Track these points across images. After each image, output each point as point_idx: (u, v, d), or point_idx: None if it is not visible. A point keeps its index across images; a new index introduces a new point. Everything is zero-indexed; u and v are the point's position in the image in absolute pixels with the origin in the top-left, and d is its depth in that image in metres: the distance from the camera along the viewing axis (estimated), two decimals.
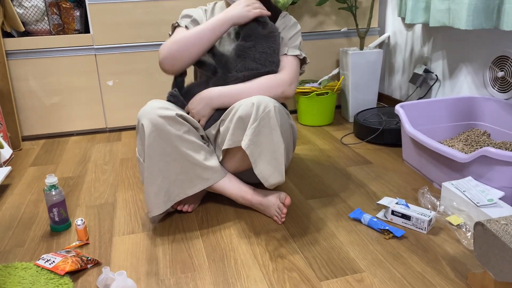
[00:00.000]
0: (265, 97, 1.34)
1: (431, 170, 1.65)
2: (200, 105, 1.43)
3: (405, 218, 1.36)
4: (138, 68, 2.37)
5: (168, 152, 1.34)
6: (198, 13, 1.57)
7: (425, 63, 2.33)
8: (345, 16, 2.57)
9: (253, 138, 1.29)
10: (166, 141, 1.33)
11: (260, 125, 1.29)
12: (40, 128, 2.35)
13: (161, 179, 1.36)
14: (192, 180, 1.39)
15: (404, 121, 1.75)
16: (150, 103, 1.37)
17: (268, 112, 1.29)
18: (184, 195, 1.39)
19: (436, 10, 1.89)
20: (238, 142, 1.34)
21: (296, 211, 1.49)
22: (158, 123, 1.32)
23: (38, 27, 2.25)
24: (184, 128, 1.35)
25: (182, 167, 1.37)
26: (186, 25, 1.51)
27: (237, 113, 1.34)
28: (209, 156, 1.41)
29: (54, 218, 1.41)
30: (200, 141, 1.41)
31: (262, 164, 1.30)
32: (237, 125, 1.33)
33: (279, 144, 1.30)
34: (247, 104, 1.32)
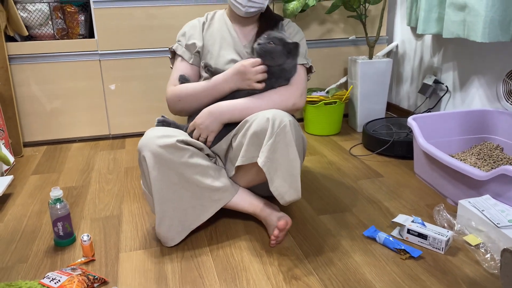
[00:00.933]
0: (279, 111, 1.30)
1: (445, 186, 1.61)
2: (208, 120, 1.38)
3: (421, 237, 1.32)
4: (143, 74, 2.33)
5: (175, 182, 1.30)
6: (194, 29, 1.55)
7: (435, 74, 2.30)
8: (353, 24, 2.54)
9: (269, 155, 1.24)
10: (171, 170, 1.28)
11: (276, 141, 1.24)
12: (42, 134, 2.30)
13: (172, 210, 1.31)
14: (204, 204, 1.35)
15: (417, 135, 1.71)
16: (148, 133, 1.31)
17: (284, 127, 1.25)
18: (198, 222, 1.36)
19: (451, 22, 1.85)
20: (253, 158, 1.29)
21: (309, 228, 1.44)
22: (160, 153, 1.26)
23: (42, 31, 2.20)
24: (188, 153, 1.30)
25: (192, 194, 1.32)
26: (181, 55, 1.52)
27: (251, 128, 1.29)
28: (217, 175, 1.36)
29: (58, 233, 1.36)
30: (206, 161, 1.35)
31: (278, 181, 1.25)
32: (251, 141, 1.29)
33: (295, 160, 1.25)
34: (261, 119, 1.28)
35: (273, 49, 1.35)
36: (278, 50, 1.36)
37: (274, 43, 1.36)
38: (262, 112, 1.31)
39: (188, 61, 1.52)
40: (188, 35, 1.54)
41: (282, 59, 1.37)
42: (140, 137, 2.40)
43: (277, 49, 1.35)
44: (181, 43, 1.54)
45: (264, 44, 1.36)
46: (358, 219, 1.49)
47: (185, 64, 1.52)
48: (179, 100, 1.45)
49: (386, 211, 1.55)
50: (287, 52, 1.37)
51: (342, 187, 1.75)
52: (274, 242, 1.33)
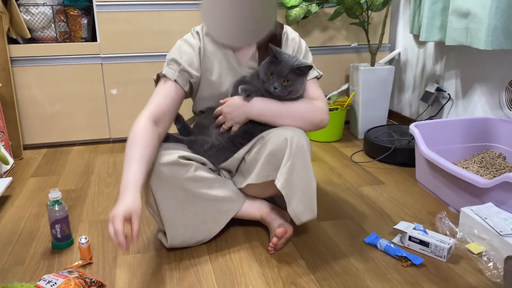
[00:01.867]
0: (296, 130, 1.26)
1: (447, 193, 1.59)
2: (236, 112, 1.31)
3: (423, 244, 1.31)
4: (145, 78, 2.32)
5: (182, 198, 1.28)
6: (188, 55, 1.34)
7: (437, 81, 2.29)
8: (355, 31, 2.54)
9: (288, 177, 1.22)
10: (176, 187, 1.26)
11: (294, 162, 1.22)
12: (42, 137, 2.29)
13: (184, 228, 1.30)
14: (214, 217, 1.33)
15: (419, 142, 1.70)
16: None
17: (301, 148, 1.22)
18: (210, 235, 1.35)
19: (453, 29, 1.85)
20: (268, 177, 1.27)
21: (309, 234, 1.43)
22: (163, 172, 1.24)
23: (44, 34, 2.21)
24: (192, 168, 1.28)
25: (201, 209, 1.31)
26: (175, 79, 1.31)
27: (268, 147, 1.26)
28: (224, 187, 1.34)
29: (56, 235, 1.34)
30: (211, 174, 1.33)
31: (295, 203, 1.23)
32: (268, 159, 1.26)
33: (312, 181, 1.24)
34: (279, 138, 1.24)
35: (293, 86, 1.28)
36: (297, 84, 1.28)
37: (289, 79, 1.27)
38: (279, 131, 1.27)
39: (183, 87, 1.33)
40: (181, 62, 1.33)
41: (301, 89, 1.31)
42: None
43: (296, 84, 1.28)
44: (173, 67, 1.33)
45: (281, 85, 1.27)
46: (359, 226, 1.48)
47: (178, 90, 1.32)
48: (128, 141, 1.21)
49: (387, 218, 1.53)
50: (302, 77, 1.29)
51: (343, 193, 1.73)
52: (272, 249, 1.32)
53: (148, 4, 2.22)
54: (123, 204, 1.06)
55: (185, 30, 1.58)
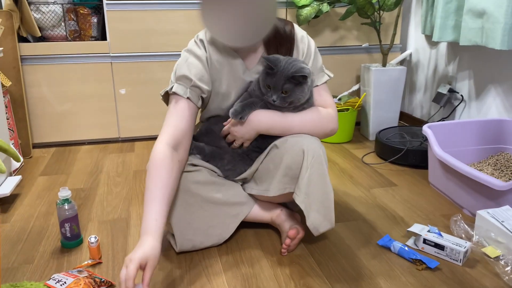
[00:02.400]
0: (312, 141, 1.23)
1: (461, 196, 1.56)
2: (245, 129, 1.28)
3: (438, 247, 1.28)
4: (154, 77, 2.31)
5: (191, 203, 1.27)
6: (197, 68, 1.28)
7: (450, 83, 2.26)
8: (366, 32, 2.51)
9: (306, 190, 1.19)
10: (185, 192, 1.26)
11: (311, 174, 1.19)
12: (51, 136, 2.29)
13: (193, 233, 1.28)
14: (224, 221, 1.32)
15: (432, 143, 1.67)
16: None
17: (318, 158, 1.20)
18: (220, 241, 1.33)
19: (468, 29, 1.82)
20: (284, 189, 1.24)
21: (321, 236, 1.40)
22: None
23: (54, 32, 2.20)
24: (201, 173, 1.27)
25: (210, 213, 1.29)
26: (188, 97, 1.25)
27: (284, 160, 1.23)
28: (232, 190, 1.33)
29: (65, 234, 1.33)
30: (219, 178, 1.32)
31: (313, 214, 1.20)
32: (284, 172, 1.23)
33: (329, 191, 1.22)
34: (295, 151, 1.21)
35: (292, 97, 1.24)
36: (296, 94, 1.24)
37: (287, 91, 1.22)
38: (294, 140, 1.24)
39: (196, 104, 1.28)
40: (194, 78, 1.26)
41: (303, 96, 1.26)
42: (150, 141, 2.38)
43: (295, 93, 1.23)
44: (183, 84, 1.27)
45: (279, 97, 1.23)
46: (371, 228, 1.45)
47: (192, 107, 1.27)
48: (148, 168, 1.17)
49: (400, 220, 1.50)
50: (301, 85, 1.24)
51: (355, 195, 1.71)
52: (285, 251, 1.30)
53: (159, 3, 2.21)
54: (141, 250, 1.01)
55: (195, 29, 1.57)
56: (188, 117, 1.26)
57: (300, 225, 1.32)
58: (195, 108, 1.29)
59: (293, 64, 1.23)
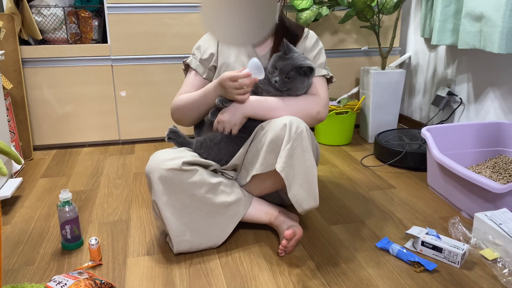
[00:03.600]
0: (295, 117, 1.27)
1: (459, 198, 1.57)
2: (230, 112, 1.34)
3: (436, 250, 1.29)
4: (154, 80, 2.32)
5: (187, 204, 1.28)
6: (210, 42, 1.49)
7: (449, 86, 2.27)
8: (366, 35, 2.52)
9: (287, 160, 1.22)
10: (182, 193, 1.27)
11: (293, 147, 1.22)
12: (52, 138, 2.30)
13: (190, 234, 1.29)
14: (221, 222, 1.33)
15: (431, 146, 1.68)
16: (154, 157, 1.28)
17: (300, 133, 1.23)
18: (218, 242, 1.34)
19: (466, 32, 1.83)
20: (271, 165, 1.26)
21: (320, 238, 1.41)
22: (168, 177, 1.24)
23: (55, 35, 2.22)
24: (196, 173, 1.27)
25: (207, 214, 1.30)
26: (195, 68, 1.48)
27: (268, 136, 1.27)
28: (229, 190, 1.34)
29: (66, 236, 1.34)
30: (215, 177, 1.32)
31: (296, 188, 1.22)
32: (269, 148, 1.26)
33: (312, 167, 1.23)
34: (278, 126, 1.25)
35: (293, 84, 1.33)
36: (297, 82, 1.33)
37: (290, 77, 1.32)
38: (279, 119, 1.28)
39: (202, 75, 1.48)
40: (203, 49, 1.48)
41: (302, 88, 1.36)
42: (150, 144, 2.39)
43: (296, 82, 1.33)
44: (196, 57, 1.49)
45: (281, 80, 1.32)
46: (370, 230, 1.46)
47: (198, 78, 1.48)
48: (177, 109, 1.43)
49: (399, 222, 1.51)
50: (303, 77, 1.34)
51: (353, 197, 1.71)
52: (282, 252, 1.30)
53: (159, 7, 2.22)
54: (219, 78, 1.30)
55: (196, 32, 1.59)
56: (197, 86, 1.47)
57: (298, 226, 1.33)
58: (202, 79, 1.48)
59: (304, 58, 1.35)
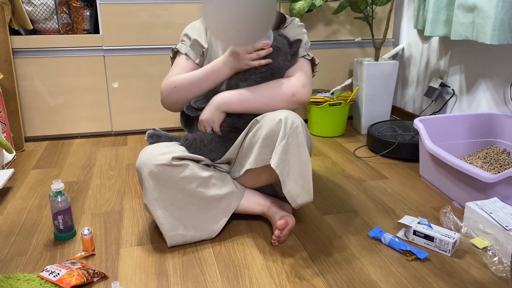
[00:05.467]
0: (290, 111, 1.27)
1: (451, 189, 1.59)
2: (207, 112, 1.36)
3: (427, 239, 1.30)
4: (147, 71, 2.31)
5: (179, 199, 1.28)
6: (198, 29, 1.49)
7: (441, 77, 2.28)
8: (359, 26, 2.52)
9: (282, 156, 1.21)
10: (173, 188, 1.26)
11: (288, 142, 1.22)
12: (43, 129, 2.28)
13: (183, 228, 1.30)
14: (214, 216, 1.33)
15: (423, 137, 1.69)
16: (144, 152, 1.28)
17: (296, 128, 1.22)
18: (212, 235, 1.34)
19: (459, 23, 1.84)
20: (266, 160, 1.26)
21: (313, 228, 1.42)
22: (158, 173, 1.24)
23: (46, 25, 2.19)
24: (186, 168, 1.27)
25: (199, 208, 1.31)
26: (186, 53, 1.46)
27: (263, 131, 1.26)
28: (221, 183, 1.34)
29: (58, 226, 1.34)
30: (207, 171, 1.32)
31: (290, 184, 1.22)
32: (264, 143, 1.26)
33: (307, 162, 1.23)
34: (273, 120, 1.25)
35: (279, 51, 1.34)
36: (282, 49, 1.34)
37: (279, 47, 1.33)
38: (274, 113, 1.28)
39: (194, 60, 1.47)
40: (192, 36, 1.48)
41: (286, 58, 1.36)
42: (143, 134, 2.38)
43: (280, 47, 1.34)
44: (185, 43, 1.49)
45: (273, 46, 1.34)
46: (363, 220, 1.47)
47: (190, 62, 1.47)
48: (174, 88, 1.39)
49: (391, 212, 1.53)
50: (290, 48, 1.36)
51: (346, 188, 1.72)
52: (275, 242, 1.31)
53: None
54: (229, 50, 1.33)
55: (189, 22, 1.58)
56: (189, 68, 1.45)
57: (290, 216, 1.33)
58: (193, 63, 1.47)
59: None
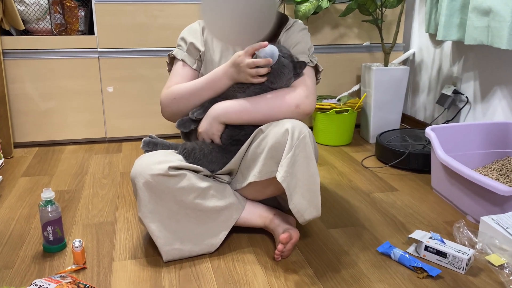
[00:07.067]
0: (296, 121, 1.26)
1: (465, 202, 1.58)
2: (206, 123, 1.35)
3: (440, 255, 1.29)
4: (144, 74, 2.32)
5: (176, 211, 1.27)
6: (195, 31, 1.49)
7: (454, 84, 2.28)
8: (367, 29, 2.53)
9: (288, 169, 1.20)
10: (169, 200, 1.26)
11: (295, 154, 1.21)
12: (34, 135, 2.29)
13: (180, 243, 1.29)
14: (212, 229, 1.32)
15: (435, 146, 1.69)
16: (139, 161, 1.28)
17: (303, 139, 1.22)
18: (210, 250, 1.33)
19: (473, 27, 1.85)
20: (271, 173, 1.25)
21: (318, 242, 1.41)
22: (154, 183, 1.23)
23: (39, 26, 2.21)
24: (183, 178, 1.26)
25: (197, 221, 1.30)
26: (183, 59, 1.46)
27: (268, 141, 1.25)
28: (220, 195, 1.33)
29: (48, 237, 1.33)
30: (205, 181, 1.31)
31: (297, 198, 1.21)
32: (269, 154, 1.25)
33: (315, 174, 1.23)
34: (279, 130, 1.24)
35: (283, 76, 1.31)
36: (287, 74, 1.32)
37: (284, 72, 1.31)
38: (280, 122, 1.27)
39: (192, 66, 1.46)
40: (188, 40, 1.48)
41: (290, 81, 1.35)
42: (138, 141, 2.39)
43: (285, 73, 1.31)
44: (182, 48, 1.48)
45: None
46: (371, 234, 1.46)
47: (187, 69, 1.46)
48: (173, 99, 1.39)
49: (401, 226, 1.52)
50: (294, 71, 1.34)
51: (353, 200, 1.72)
52: (278, 257, 1.30)
53: None
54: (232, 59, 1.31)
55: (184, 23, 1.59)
56: (185, 77, 1.45)
57: (294, 229, 1.33)
58: (191, 69, 1.47)
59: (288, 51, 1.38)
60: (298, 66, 1.34)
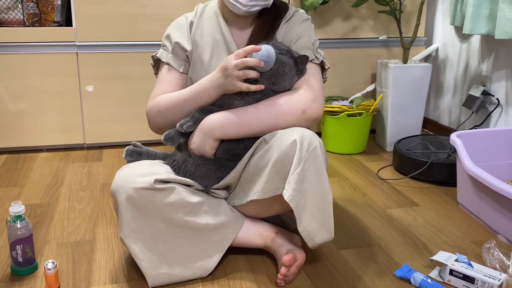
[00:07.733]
0: (305, 129, 1.26)
1: (496, 219, 1.58)
2: (198, 138, 1.33)
3: (467, 280, 1.29)
4: (128, 72, 2.33)
5: (163, 230, 1.27)
6: (181, 29, 1.49)
7: (484, 84, 2.29)
8: (384, 21, 2.55)
9: (297, 186, 1.19)
10: (155, 217, 1.25)
11: (305, 169, 1.20)
12: (2, 140, 2.30)
13: (167, 266, 1.28)
14: (206, 250, 1.32)
15: (462, 156, 1.69)
16: (121, 172, 1.27)
17: (313, 151, 1.21)
18: (203, 274, 1.33)
19: (505, 19, 1.86)
20: (276, 190, 1.24)
21: (327, 265, 1.41)
22: (137, 198, 1.22)
23: (9, 16, 2.22)
24: (172, 192, 1.25)
25: (187, 241, 1.30)
26: (167, 62, 1.46)
27: (273, 154, 1.24)
28: (215, 211, 1.32)
29: (17, 258, 1.33)
30: (197, 196, 1.30)
31: (307, 219, 1.20)
32: (274, 169, 1.24)
33: (327, 191, 1.22)
34: (286, 141, 1.22)
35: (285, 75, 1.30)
36: (289, 73, 1.31)
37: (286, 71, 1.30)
38: (285, 132, 1.26)
39: (178, 69, 1.47)
40: (173, 39, 1.48)
41: (293, 80, 1.35)
42: (121, 148, 2.38)
43: (287, 71, 1.30)
44: (167, 48, 1.49)
45: None
46: (388, 256, 1.46)
47: (174, 73, 1.47)
48: (159, 112, 1.40)
49: (422, 247, 1.52)
50: (296, 68, 1.33)
51: (368, 216, 1.72)
52: (281, 282, 1.30)
53: None
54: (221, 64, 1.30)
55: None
56: (172, 82, 1.46)
57: (299, 250, 1.32)
58: (178, 73, 1.48)
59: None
60: (300, 61, 1.34)
